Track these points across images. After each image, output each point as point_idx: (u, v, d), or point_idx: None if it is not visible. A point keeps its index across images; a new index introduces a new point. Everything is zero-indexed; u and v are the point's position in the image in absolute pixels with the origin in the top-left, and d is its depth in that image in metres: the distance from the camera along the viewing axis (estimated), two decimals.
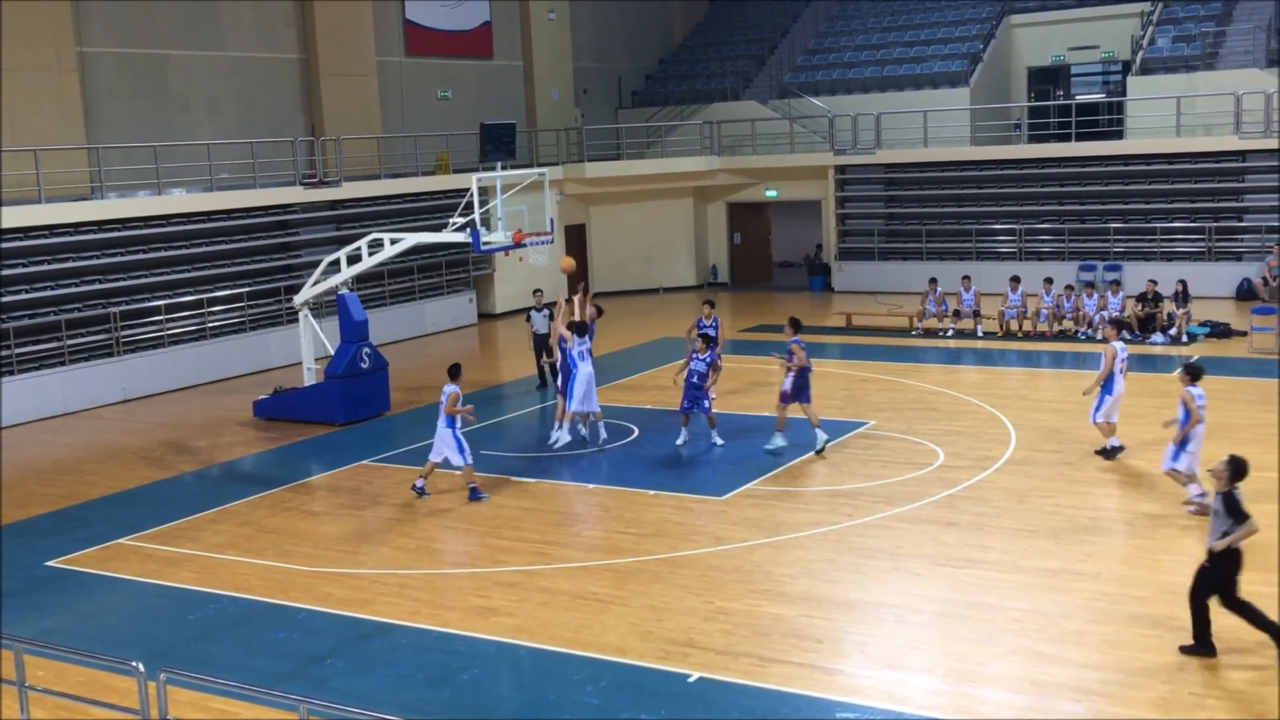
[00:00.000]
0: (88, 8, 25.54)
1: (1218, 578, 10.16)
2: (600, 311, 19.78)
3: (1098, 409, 16.05)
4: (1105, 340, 16.61)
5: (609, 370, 22.53)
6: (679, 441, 17.55)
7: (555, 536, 14.14)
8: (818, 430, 16.87)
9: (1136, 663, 10.10)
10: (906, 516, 14.09)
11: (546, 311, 22.17)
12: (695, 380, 17.24)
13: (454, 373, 15.75)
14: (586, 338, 17.93)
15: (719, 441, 17.38)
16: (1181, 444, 13.75)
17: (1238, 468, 10.27)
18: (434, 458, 15.71)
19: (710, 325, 19.44)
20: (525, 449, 17.96)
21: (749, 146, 35.61)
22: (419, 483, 15.88)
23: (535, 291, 23.45)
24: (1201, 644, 10.26)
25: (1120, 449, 16.08)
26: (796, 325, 17.17)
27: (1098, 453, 16.19)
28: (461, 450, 15.41)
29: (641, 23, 41.71)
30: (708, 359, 17.20)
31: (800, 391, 16.87)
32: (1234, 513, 10.07)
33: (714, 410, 17.68)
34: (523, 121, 35.36)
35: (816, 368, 19.17)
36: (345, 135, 29.27)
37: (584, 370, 17.55)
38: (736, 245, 36.80)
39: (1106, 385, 15.92)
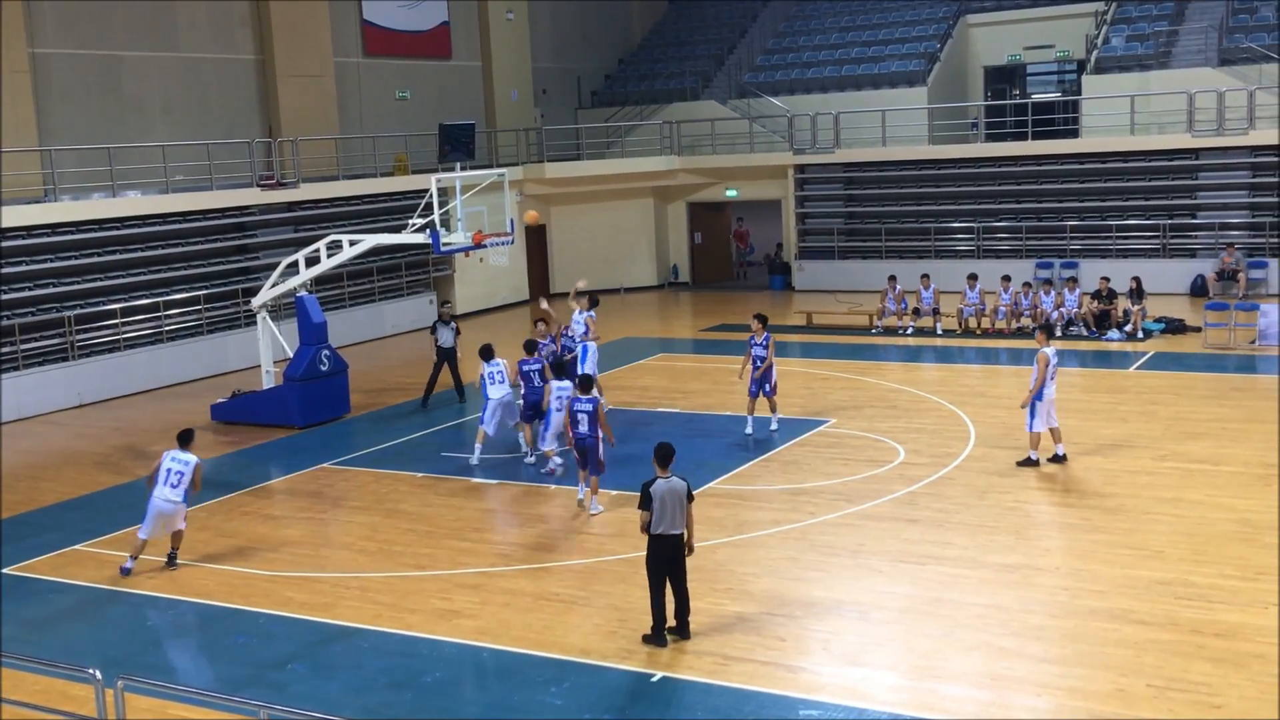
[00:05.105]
0: (40, 8, 25.19)
1: (652, 563, 10.82)
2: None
3: (1034, 417, 15.65)
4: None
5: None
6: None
7: (517, 538, 14.09)
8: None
9: (1096, 656, 10.19)
10: (868, 514, 14.16)
11: (454, 325, 21.48)
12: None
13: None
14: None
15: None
16: None
17: (659, 454, 10.98)
18: None
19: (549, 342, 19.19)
20: (487, 451, 17.79)
21: (709, 146, 35.66)
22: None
23: (443, 304, 23.05)
24: (656, 636, 10.77)
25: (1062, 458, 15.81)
26: None
27: (1047, 460, 15.81)
28: None
29: (600, 23, 41.66)
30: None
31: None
32: (642, 498, 10.75)
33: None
34: (482, 122, 35.24)
35: (780, 366, 19.21)
36: (303, 136, 29.03)
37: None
38: (697, 245, 36.84)
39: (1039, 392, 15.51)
